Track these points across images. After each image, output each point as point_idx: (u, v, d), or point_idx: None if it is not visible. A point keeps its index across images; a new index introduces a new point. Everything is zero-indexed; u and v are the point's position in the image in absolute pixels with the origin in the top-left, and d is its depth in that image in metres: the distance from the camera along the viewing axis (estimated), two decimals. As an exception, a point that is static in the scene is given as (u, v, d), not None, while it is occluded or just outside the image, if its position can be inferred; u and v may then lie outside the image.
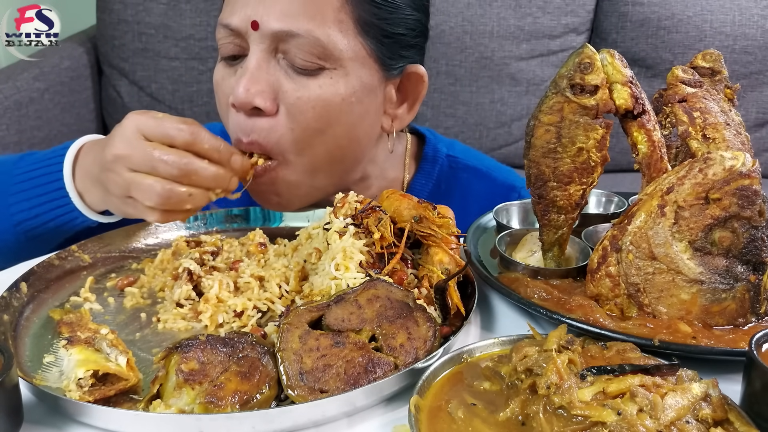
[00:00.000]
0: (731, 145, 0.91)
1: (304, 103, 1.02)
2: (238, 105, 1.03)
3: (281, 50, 1.02)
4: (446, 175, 1.29)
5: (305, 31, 0.99)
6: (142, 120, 0.92)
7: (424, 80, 1.14)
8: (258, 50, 1.02)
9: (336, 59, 1.02)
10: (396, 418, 0.71)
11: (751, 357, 0.66)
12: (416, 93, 1.15)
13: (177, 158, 0.90)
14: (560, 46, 2.55)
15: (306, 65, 1.01)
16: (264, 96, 1.01)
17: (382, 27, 1.05)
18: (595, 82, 0.85)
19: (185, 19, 2.43)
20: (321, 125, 1.04)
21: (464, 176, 1.29)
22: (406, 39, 1.09)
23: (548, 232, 0.93)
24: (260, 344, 0.74)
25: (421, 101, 1.17)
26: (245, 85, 1.01)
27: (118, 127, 0.94)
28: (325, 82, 1.03)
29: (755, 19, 2.50)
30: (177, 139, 0.91)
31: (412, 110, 1.17)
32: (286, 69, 1.02)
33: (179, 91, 2.49)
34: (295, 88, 1.02)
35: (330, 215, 0.95)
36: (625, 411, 0.62)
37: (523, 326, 0.86)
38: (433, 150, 1.29)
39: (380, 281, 0.81)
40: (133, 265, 1.03)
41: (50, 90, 2.22)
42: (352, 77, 1.04)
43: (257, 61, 1.02)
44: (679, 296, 0.81)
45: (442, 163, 1.29)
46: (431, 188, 1.27)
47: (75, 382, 0.70)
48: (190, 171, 0.91)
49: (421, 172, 1.28)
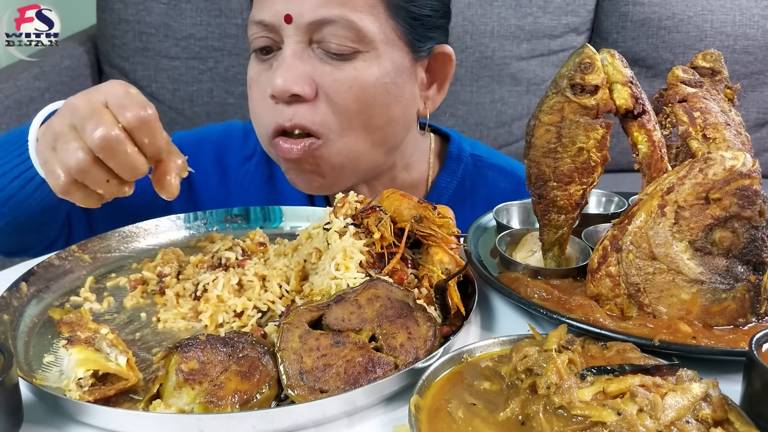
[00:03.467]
0: (731, 145, 0.91)
1: (340, 85, 1.06)
2: (277, 94, 1.06)
3: (315, 39, 1.06)
4: (471, 173, 1.31)
5: (338, 16, 1.03)
6: (114, 87, 0.87)
7: (452, 59, 1.18)
8: (293, 42, 1.05)
9: (369, 42, 1.06)
10: (396, 417, 0.71)
11: (751, 357, 0.66)
12: (445, 73, 1.19)
13: (106, 129, 0.81)
14: (561, 45, 2.55)
15: (341, 50, 1.05)
16: (301, 82, 1.05)
17: (409, 9, 1.09)
18: (595, 82, 0.85)
19: (186, 18, 2.43)
20: (359, 106, 1.08)
21: (490, 174, 1.32)
22: (431, 20, 1.13)
23: (548, 232, 0.93)
24: (260, 344, 0.74)
25: (450, 81, 1.20)
26: (282, 75, 1.04)
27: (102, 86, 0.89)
28: (360, 64, 1.07)
29: (756, 19, 2.50)
30: (127, 115, 0.83)
31: (442, 90, 1.20)
32: (322, 56, 1.06)
33: (179, 91, 2.49)
34: (331, 71, 1.06)
35: (330, 215, 0.95)
36: (625, 411, 0.62)
37: (523, 326, 0.86)
38: (458, 149, 1.32)
39: (380, 281, 0.81)
40: (133, 264, 1.03)
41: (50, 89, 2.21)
42: (384, 59, 1.08)
43: (293, 52, 1.05)
44: (679, 296, 0.81)
45: (467, 162, 1.31)
46: (456, 186, 1.30)
47: (75, 382, 0.70)
48: (112, 147, 0.82)
49: (446, 170, 1.30)
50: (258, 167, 1.32)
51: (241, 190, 1.33)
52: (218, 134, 1.36)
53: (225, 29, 2.44)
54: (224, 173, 1.33)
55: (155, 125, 0.85)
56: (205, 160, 1.32)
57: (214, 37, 2.44)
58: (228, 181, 1.33)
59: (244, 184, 1.33)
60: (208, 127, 1.41)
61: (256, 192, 1.32)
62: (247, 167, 1.33)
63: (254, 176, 1.33)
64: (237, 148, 1.34)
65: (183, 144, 1.32)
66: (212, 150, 1.33)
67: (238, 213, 1.17)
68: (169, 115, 2.49)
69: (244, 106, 2.45)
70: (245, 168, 1.33)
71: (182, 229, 1.13)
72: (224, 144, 1.34)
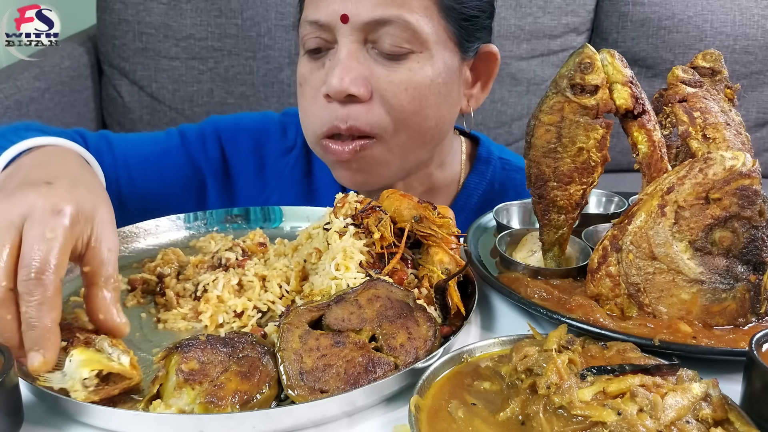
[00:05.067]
0: (731, 145, 0.91)
1: (396, 86, 1.07)
2: (333, 94, 1.06)
3: (370, 39, 1.07)
4: (500, 176, 1.33)
5: (395, 16, 1.04)
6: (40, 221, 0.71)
7: (497, 58, 1.20)
8: (348, 42, 1.06)
9: (422, 43, 1.07)
10: (396, 417, 0.71)
11: (751, 357, 0.66)
12: (489, 71, 1.21)
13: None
14: (560, 45, 2.55)
15: (395, 50, 1.06)
16: (358, 83, 1.05)
17: (461, 10, 1.11)
18: (595, 82, 0.85)
19: (186, 18, 2.43)
20: (414, 107, 1.09)
21: (518, 177, 1.33)
22: (480, 21, 1.15)
23: (548, 232, 0.93)
24: (260, 344, 0.74)
25: (494, 79, 1.22)
26: (339, 75, 1.05)
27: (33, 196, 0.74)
28: (414, 65, 1.08)
29: (756, 19, 2.50)
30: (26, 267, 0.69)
31: (486, 88, 1.23)
32: (376, 57, 1.08)
33: (179, 91, 2.49)
34: (386, 73, 1.07)
35: (330, 215, 0.95)
36: (625, 411, 0.62)
37: (523, 326, 0.86)
38: (487, 152, 1.34)
39: (380, 281, 0.81)
40: (133, 264, 1.03)
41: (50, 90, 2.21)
42: (437, 59, 1.10)
43: (348, 52, 1.06)
44: (679, 296, 0.81)
45: (495, 165, 1.33)
46: (485, 187, 1.32)
47: (80, 383, 0.70)
48: None
49: (476, 171, 1.32)
50: (297, 161, 1.34)
51: (278, 182, 1.34)
52: (256, 123, 1.37)
53: (225, 29, 2.44)
54: (262, 163, 1.35)
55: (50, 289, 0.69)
56: (243, 148, 1.34)
57: (214, 37, 2.44)
58: (265, 171, 1.35)
59: (283, 176, 1.34)
60: (244, 115, 1.42)
61: (293, 185, 1.34)
62: (287, 160, 1.35)
63: (293, 170, 1.34)
64: (276, 140, 1.35)
65: (220, 128, 1.35)
66: (250, 139, 1.35)
67: (238, 213, 1.17)
68: (169, 115, 2.49)
69: (244, 106, 2.49)
70: (284, 161, 1.35)
71: (182, 229, 1.13)
72: (263, 134, 1.35)
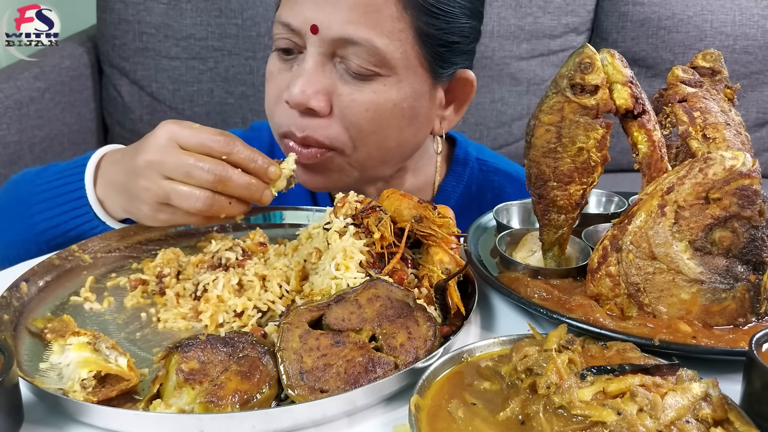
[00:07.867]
0: (731, 145, 0.91)
1: (357, 106, 1.05)
2: (292, 104, 1.05)
3: (339, 55, 1.04)
4: (477, 177, 1.31)
5: (365, 39, 1.02)
6: (177, 129, 0.93)
7: (473, 85, 1.18)
8: (315, 53, 1.04)
9: (390, 67, 1.05)
10: (396, 417, 0.71)
11: (751, 357, 0.66)
12: (464, 96, 1.19)
13: (212, 165, 0.91)
14: (560, 45, 2.54)
15: (361, 71, 1.04)
16: (319, 98, 1.04)
17: (439, 36, 1.07)
18: (595, 82, 0.85)
19: (186, 18, 2.43)
20: (374, 128, 1.08)
21: (496, 179, 1.32)
22: (460, 47, 1.12)
23: (548, 232, 0.93)
24: (260, 344, 0.74)
25: (468, 104, 1.20)
26: (301, 87, 1.04)
27: (149, 136, 0.95)
28: (379, 87, 1.06)
29: (756, 19, 2.50)
30: (214, 149, 0.92)
31: (459, 112, 1.20)
32: (342, 73, 1.05)
33: (180, 91, 2.49)
34: (349, 91, 1.05)
35: (330, 215, 0.95)
36: (625, 411, 0.62)
37: (523, 326, 0.86)
38: (464, 153, 1.32)
39: (380, 281, 0.81)
40: (133, 264, 1.03)
41: (51, 89, 2.21)
42: (404, 84, 1.07)
43: (314, 64, 1.04)
44: (679, 296, 0.81)
45: (473, 166, 1.31)
46: (462, 190, 1.30)
47: (79, 383, 0.70)
48: (224, 178, 0.92)
49: (452, 173, 1.31)
50: None
51: None
52: (244, 134, 1.35)
53: (225, 29, 2.43)
54: None
55: (238, 142, 0.94)
56: None
57: (214, 37, 2.44)
58: None
59: None
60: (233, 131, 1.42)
61: None
62: None
63: None
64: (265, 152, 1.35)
65: None
66: None
67: (238, 213, 1.17)
68: (169, 115, 2.49)
69: (244, 106, 2.49)
70: None
71: (182, 228, 1.12)
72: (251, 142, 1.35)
